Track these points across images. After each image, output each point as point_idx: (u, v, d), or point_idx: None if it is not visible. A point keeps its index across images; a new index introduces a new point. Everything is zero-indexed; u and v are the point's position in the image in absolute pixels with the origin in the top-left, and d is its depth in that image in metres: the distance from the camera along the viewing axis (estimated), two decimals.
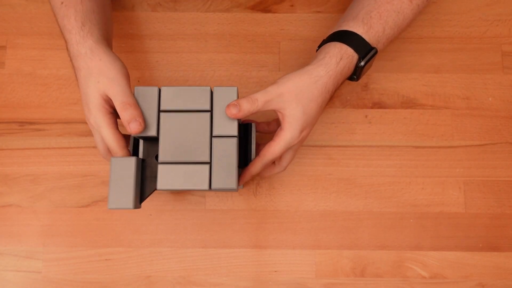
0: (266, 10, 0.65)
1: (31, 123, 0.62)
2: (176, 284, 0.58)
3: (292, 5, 0.65)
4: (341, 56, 0.48)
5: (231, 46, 0.64)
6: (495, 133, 0.61)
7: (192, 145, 0.44)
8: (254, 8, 0.65)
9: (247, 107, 0.44)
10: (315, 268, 0.58)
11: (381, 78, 0.63)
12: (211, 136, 0.45)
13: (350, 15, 0.51)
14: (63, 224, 0.60)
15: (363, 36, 0.48)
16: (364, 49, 0.48)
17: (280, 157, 0.50)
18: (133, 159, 0.44)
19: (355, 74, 0.51)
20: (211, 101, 0.45)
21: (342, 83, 0.50)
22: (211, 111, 0.45)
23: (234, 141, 0.44)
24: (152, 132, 0.45)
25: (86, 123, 0.62)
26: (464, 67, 0.63)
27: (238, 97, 0.47)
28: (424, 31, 0.64)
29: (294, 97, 0.45)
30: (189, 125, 0.44)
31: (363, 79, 0.62)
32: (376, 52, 0.49)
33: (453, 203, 0.60)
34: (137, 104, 0.45)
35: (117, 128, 0.46)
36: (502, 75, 0.63)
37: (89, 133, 0.61)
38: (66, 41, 0.49)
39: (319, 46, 0.52)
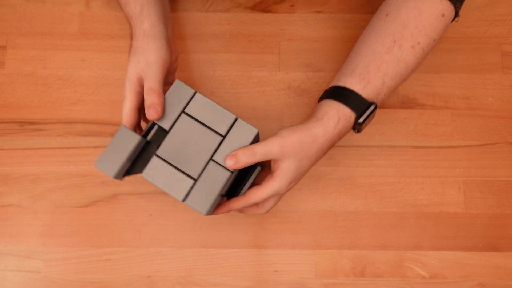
0: (266, 10, 0.65)
1: (31, 123, 0.62)
2: (177, 284, 0.58)
3: (292, 5, 0.65)
4: (338, 118, 0.47)
5: (231, 46, 0.64)
6: (495, 133, 0.61)
7: (191, 156, 0.46)
8: (254, 8, 0.65)
9: (244, 159, 0.45)
10: (315, 268, 0.59)
11: None
12: (211, 158, 0.46)
13: (348, 68, 0.50)
14: (63, 224, 0.60)
15: (360, 93, 0.47)
16: (361, 107, 0.47)
17: (264, 201, 0.51)
18: (137, 138, 0.45)
19: (355, 128, 0.50)
20: (229, 128, 0.47)
21: (340, 140, 0.50)
22: (223, 137, 0.46)
23: (227, 174, 0.46)
24: (165, 125, 0.47)
25: (86, 123, 0.62)
26: (464, 67, 0.63)
27: (259, 139, 0.49)
28: None
29: (293, 152, 0.46)
30: (199, 138, 0.46)
31: None
32: (375, 108, 0.48)
33: (453, 203, 0.60)
34: (161, 93, 0.47)
35: (136, 107, 0.48)
36: (502, 75, 0.63)
37: (89, 133, 0.61)
38: (130, 26, 0.53)
39: (320, 99, 0.51)
